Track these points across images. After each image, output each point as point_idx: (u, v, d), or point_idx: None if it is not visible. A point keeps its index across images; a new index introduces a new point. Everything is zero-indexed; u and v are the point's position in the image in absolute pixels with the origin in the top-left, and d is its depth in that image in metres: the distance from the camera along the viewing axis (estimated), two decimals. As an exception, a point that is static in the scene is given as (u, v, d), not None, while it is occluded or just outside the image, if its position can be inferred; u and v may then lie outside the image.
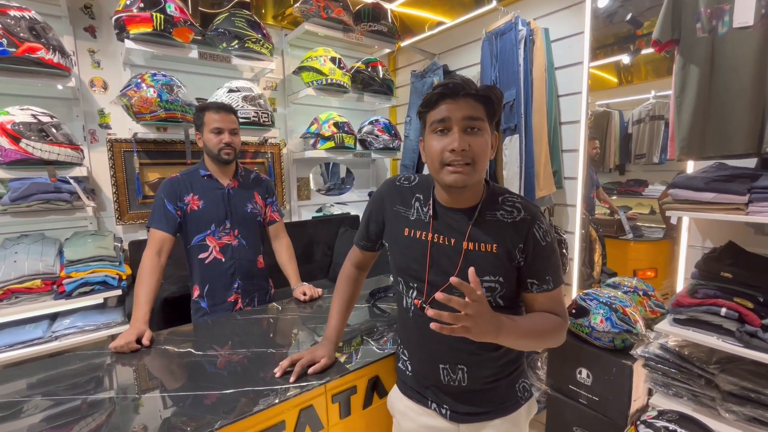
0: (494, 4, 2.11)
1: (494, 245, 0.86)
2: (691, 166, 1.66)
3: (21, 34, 1.56)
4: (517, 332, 0.81)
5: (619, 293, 1.72)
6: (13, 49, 1.54)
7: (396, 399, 1.05)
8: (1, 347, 1.61)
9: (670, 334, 1.39)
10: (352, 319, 1.43)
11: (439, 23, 2.75)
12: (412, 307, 0.95)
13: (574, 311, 1.71)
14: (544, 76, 1.96)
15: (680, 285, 1.76)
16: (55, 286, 1.73)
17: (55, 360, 1.20)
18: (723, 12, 1.28)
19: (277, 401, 0.93)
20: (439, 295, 0.68)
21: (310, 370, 1.02)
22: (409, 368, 1.01)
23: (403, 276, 0.97)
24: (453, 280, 0.69)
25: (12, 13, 1.55)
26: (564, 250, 2.11)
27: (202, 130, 1.55)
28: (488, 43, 2.11)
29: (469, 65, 2.59)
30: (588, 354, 1.63)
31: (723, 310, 1.24)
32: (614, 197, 2.58)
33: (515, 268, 0.88)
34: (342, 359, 1.12)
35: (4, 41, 1.52)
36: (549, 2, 2.09)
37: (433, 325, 0.69)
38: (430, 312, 0.71)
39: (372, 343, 1.23)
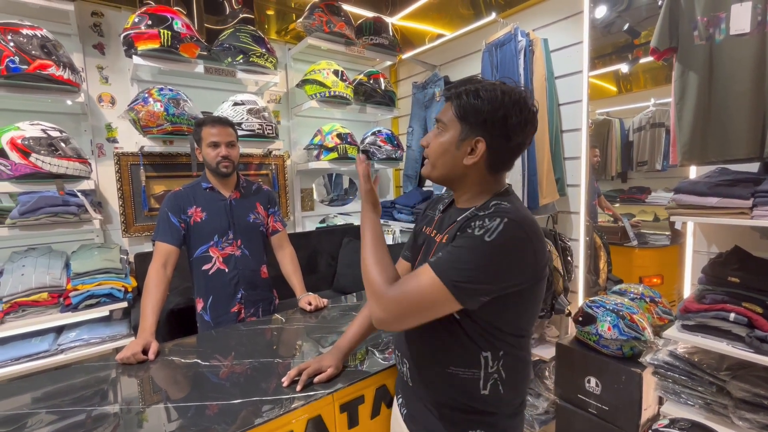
0: (494, 16, 2.15)
1: (446, 236, 0.84)
2: (693, 172, 1.67)
3: (33, 52, 1.60)
4: (368, 222, 0.87)
5: (626, 300, 1.70)
6: (25, 66, 1.58)
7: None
8: (8, 361, 1.60)
9: (679, 340, 1.38)
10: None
11: (440, 36, 2.80)
12: None
13: (580, 319, 1.70)
14: (545, 85, 1.99)
15: (687, 291, 1.74)
16: (61, 299, 1.74)
17: (60, 373, 1.20)
18: (720, 20, 1.30)
19: (282, 412, 0.92)
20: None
21: (316, 379, 1.02)
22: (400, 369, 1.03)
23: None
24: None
25: (24, 31, 1.60)
26: (569, 257, 2.10)
27: (200, 144, 1.58)
28: (488, 54, 2.15)
29: (469, 76, 2.62)
30: (596, 362, 1.62)
31: (732, 315, 1.23)
32: (617, 205, 2.58)
33: None
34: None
35: (17, 59, 1.56)
36: (548, 13, 2.13)
37: None
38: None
39: (377, 354, 1.22)
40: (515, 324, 0.82)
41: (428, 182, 3.01)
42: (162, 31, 1.88)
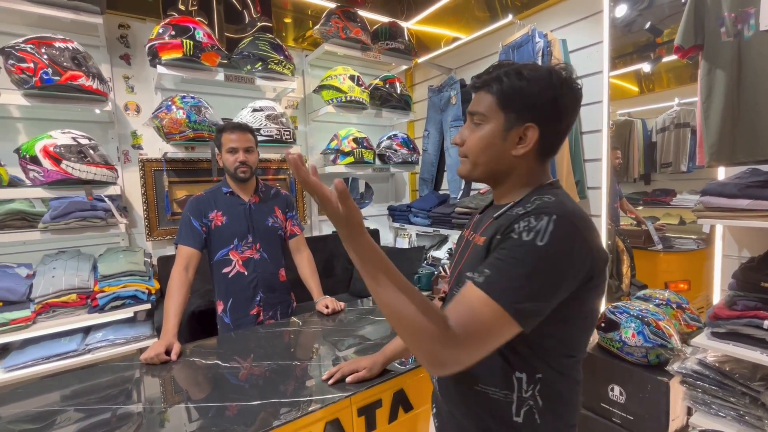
0: (510, 18, 2.13)
1: (483, 237, 0.73)
2: (721, 173, 1.61)
3: (64, 63, 1.67)
4: (368, 254, 0.64)
5: (651, 306, 1.65)
6: (58, 78, 1.65)
7: None
8: (39, 359, 1.67)
9: (709, 348, 1.32)
10: (374, 333, 1.43)
11: (455, 39, 2.79)
12: None
13: (603, 325, 1.65)
14: (564, 86, 1.96)
15: (717, 297, 1.68)
16: (89, 300, 1.80)
17: (87, 372, 1.24)
18: (748, 16, 1.26)
19: (299, 414, 0.93)
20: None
21: (348, 379, 1.04)
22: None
23: None
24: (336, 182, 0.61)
25: (57, 44, 1.68)
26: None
27: (221, 150, 1.62)
28: (505, 56, 2.13)
29: (487, 78, 2.61)
30: (620, 370, 1.57)
31: (766, 323, 1.17)
32: (640, 208, 2.50)
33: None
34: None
35: (50, 70, 1.64)
36: (566, 14, 2.10)
37: None
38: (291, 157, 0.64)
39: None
40: (564, 341, 0.69)
41: (444, 185, 3.00)
42: (185, 40, 1.94)
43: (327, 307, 1.63)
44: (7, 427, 0.94)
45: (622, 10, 2.30)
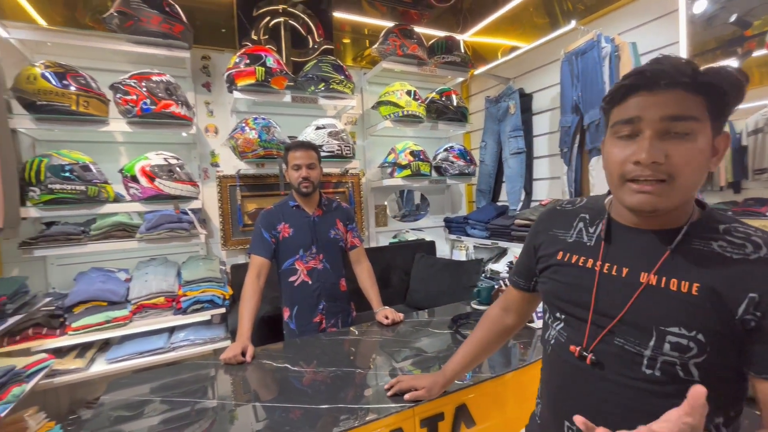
0: (573, 24, 2.06)
1: (695, 284, 0.59)
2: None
3: (159, 94, 1.92)
4: None
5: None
6: (154, 107, 1.90)
7: None
8: (134, 354, 1.89)
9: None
10: (431, 346, 1.42)
11: (513, 48, 2.75)
12: (553, 341, 0.76)
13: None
14: (634, 91, 1.84)
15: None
16: (174, 303, 2.01)
17: (172, 368, 1.39)
18: None
19: (357, 424, 0.96)
20: (578, 419, 0.49)
21: (406, 396, 1.03)
22: (539, 414, 0.83)
23: (550, 304, 0.78)
24: (697, 393, 0.45)
25: (153, 78, 1.93)
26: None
27: (287, 166, 1.73)
28: (568, 64, 2.06)
29: (545, 87, 2.53)
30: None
31: None
32: None
33: (731, 328, 0.57)
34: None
35: (148, 101, 1.89)
36: (635, 15, 1.99)
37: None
38: (579, 421, 0.50)
39: None
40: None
41: (502, 197, 2.92)
42: (257, 68, 2.13)
43: (387, 317, 1.66)
44: (109, 413, 1.08)
45: (701, 6, 2.13)
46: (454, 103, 2.80)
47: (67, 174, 1.77)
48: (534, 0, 2.67)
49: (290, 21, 2.64)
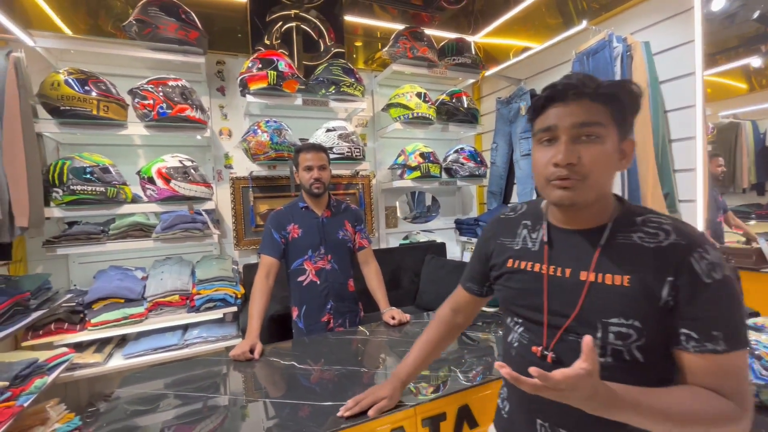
0: (584, 24, 2.03)
1: (626, 277, 0.67)
2: None
3: (175, 99, 1.98)
4: (642, 413, 0.60)
5: (763, 337, 1.42)
6: (170, 111, 1.96)
7: None
8: (149, 350, 1.95)
9: (842, 392, 1.10)
10: None
11: (525, 49, 2.73)
12: (516, 345, 0.81)
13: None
14: (647, 91, 1.81)
15: None
16: (188, 301, 2.06)
17: (184, 364, 1.43)
18: None
19: (365, 420, 0.98)
20: (533, 370, 0.56)
21: (370, 412, 0.99)
22: (506, 409, 0.88)
23: (509, 311, 0.85)
24: (586, 343, 0.55)
25: (170, 83, 1.99)
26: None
27: (298, 168, 1.77)
28: (579, 64, 2.04)
29: (559, 87, 2.50)
30: (723, 409, 1.37)
31: None
32: (752, 222, 2.18)
33: (660, 311, 0.65)
34: (429, 389, 1.13)
35: (164, 105, 1.95)
36: (649, 14, 1.95)
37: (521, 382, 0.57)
38: (504, 371, 0.58)
39: (460, 375, 1.21)
40: None
41: (514, 198, 2.90)
42: (269, 72, 2.18)
43: (393, 318, 1.67)
44: (124, 406, 1.13)
45: (719, 3, 2.08)
46: (465, 105, 2.80)
47: (88, 176, 1.85)
48: (546, 1, 2.65)
49: (302, 25, 2.68)
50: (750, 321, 1.65)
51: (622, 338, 0.66)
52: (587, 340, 0.56)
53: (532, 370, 0.56)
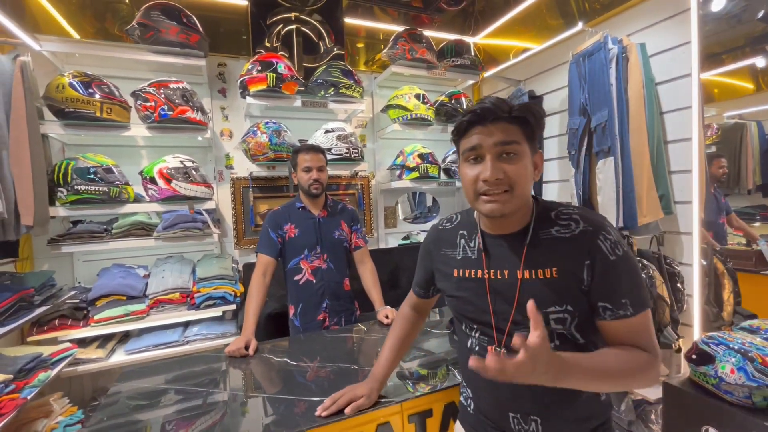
0: (580, 26, 2.04)
1: (553, 269, 0.77)
2: None
3: (176, 101, 2.02)
4: (587, 374, 0.69)
5: (758, 339, 1.42)
6: (171, 112, 2.01)
7: None
8: (150, 346, 2.00)
9: (831, 394, 1.11)
10: (439, 347, 1.45)
11: (525, 50, 2.74)
12: (477, 348, 0.88)
13: (694, 357, 1.47)
14: (642, 93, 1.81)
15: None
16: (188, 299, 2.10)
17: (185, 360, 1.46)
18: None
19: (353, 414, 1.00)
20: (515, 340, 0.62)
21: (347, 409, 1.00)
22: (472, 407, 0.94)
23: (461, 318, 0.92)
24: (530, 309, 0.63)
25: (171, 85, 2.04)
26: (679, 284, 1.84)
27: (296, 169, 1.79)
28: (575, 66, 2.04)
29: (556, 89, 2.51)
30: (717, 410, 1.37)
31: None
32: (757, 224, 2.17)
33: (584, 292, 0.76)
34: (420, 384, 1.15)
35: (166, 107, 1.99)
36: (645, 16, 1.95)
37: (472, 363, 0.63)
38: (471, 362, 0.63)
39: (458, 375, 1.21)
40: None
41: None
42: (269, 74, 2.21)
43: (387, 317, 1.70)
44: (125, 401, 1.15)
45: (719, 3, 2.08)
46: (464, 106, 2.81)
47: (92, 176, 1.89)
48: (547, 1, 2.66)
49: (302, 28, 2.71)
50: (746, 323, 1.66)
51: (562, 323, 0.77)
52: (530, 305, 0.63)
53: (515, 340, 0.62)
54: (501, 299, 0.82)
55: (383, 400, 1.05)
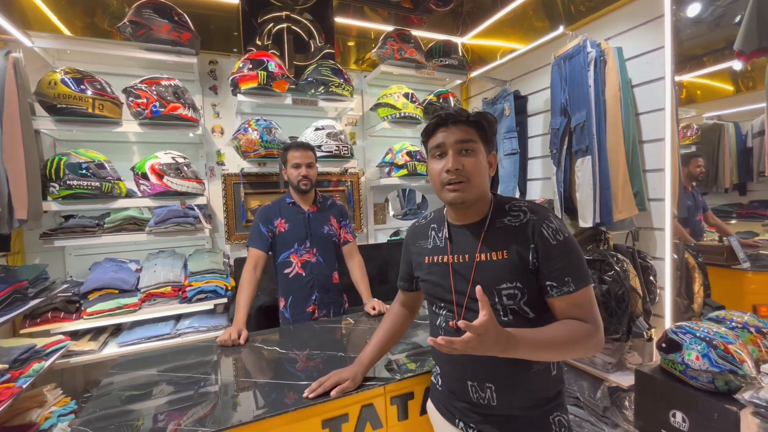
0: (561, 29, 2.12)
1: (504, 251, 0.90)
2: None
3: (168, 97, 2.06)
4: (532, 345, 0.80)
5: (722, 329, 1.52)
6: (162, 109, 2.04)
7: (431, 411, 1.09)
8: (142, 339, 2.03)
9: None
10: (420, 340, 1.50)
11: (512, 50, 2.81)
12: (444, 325, 0.99)
13: (664, 345, 1.56)
14: (619, 95, 1.90)
15: (803, 322, 1.49)
16: (180, 293, 2.14)
17: (177, 351, 1.50)
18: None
19: (339, 396, 1.06)
20: (461, 323, 0.74)
21: (333, 393, 1.07)
22: (440, 383, 1.05)
23: (431, 299, 1.04)
24: (478, 292, 0.75)
25: (163, 82, 2.07)
26: (651, 277, 1.93)
27: (286, 165, 1.85)
28: (557, 68, 2.12)
29: (540, 89, 2.59)
30: (683, 395, 1.47)
31: None
32: (733, 221, 2.28)
33: (531, 272, 0.88)
34: (403, 369, 1.21)
35: (157, 104, 2.02)
36: (622, 21, 2.04)
37: (430, 340, 0.75)
38: (429, 340, 0.76)
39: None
40: None
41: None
42: (259, 72, 2.25)
43: (374, 308, 1.76)
44: (118, 392, 1.18)
45: (695, 9, 2.17)
46: (452, 106, 2.88)
47: (84, 171, 1.92)
48: (533, 3, 2.73)
49: (293, 27, 2.75)
50: (713, 314, 1.76)
51: (512, 298, 0.89)
52: (478, 289, 0.76)
53: (461, 323, 0.74)
54: (461, 279, 0.94)
55: (367, 383, 1.12)
